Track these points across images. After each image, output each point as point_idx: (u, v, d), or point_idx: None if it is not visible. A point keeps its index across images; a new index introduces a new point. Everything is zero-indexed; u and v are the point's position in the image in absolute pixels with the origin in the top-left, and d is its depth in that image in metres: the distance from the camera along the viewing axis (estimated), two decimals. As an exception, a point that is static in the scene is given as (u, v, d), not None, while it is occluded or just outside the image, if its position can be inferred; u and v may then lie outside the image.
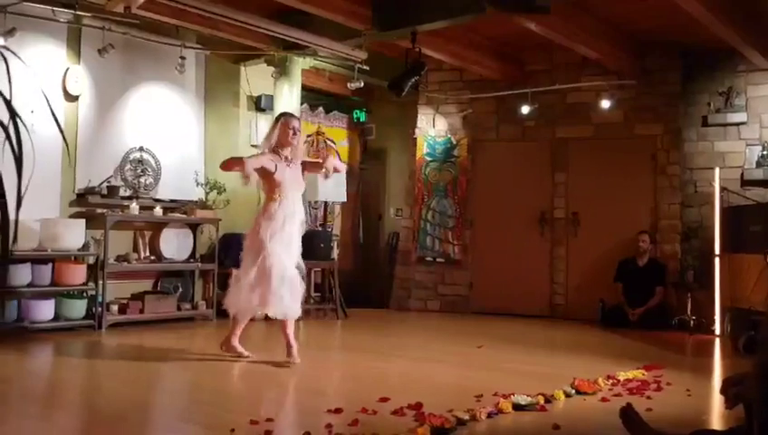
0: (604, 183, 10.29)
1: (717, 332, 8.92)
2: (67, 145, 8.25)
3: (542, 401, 4.86)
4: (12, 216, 1.83)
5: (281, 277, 6.09)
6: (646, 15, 8.84)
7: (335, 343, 8.24)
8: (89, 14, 8.10)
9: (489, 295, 10.77)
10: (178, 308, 8.90)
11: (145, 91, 9.13)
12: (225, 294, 6.64)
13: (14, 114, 1.83)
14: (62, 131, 2.61)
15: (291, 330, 6.30)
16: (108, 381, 5.74)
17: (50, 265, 7.75)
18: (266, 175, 6.19)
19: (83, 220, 8.11)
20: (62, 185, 8.25)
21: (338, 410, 4.44)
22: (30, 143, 1.95)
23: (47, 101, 2.49)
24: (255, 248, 6.15)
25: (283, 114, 6.60)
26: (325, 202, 10.47)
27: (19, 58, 2.21)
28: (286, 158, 6.29)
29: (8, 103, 1.86)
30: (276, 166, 6.19)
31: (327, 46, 9.27)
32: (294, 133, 6.32)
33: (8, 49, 2.26)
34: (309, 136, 11.16)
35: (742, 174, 9.55)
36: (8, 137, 1.83)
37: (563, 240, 10.63)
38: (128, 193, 8.72)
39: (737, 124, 9.72)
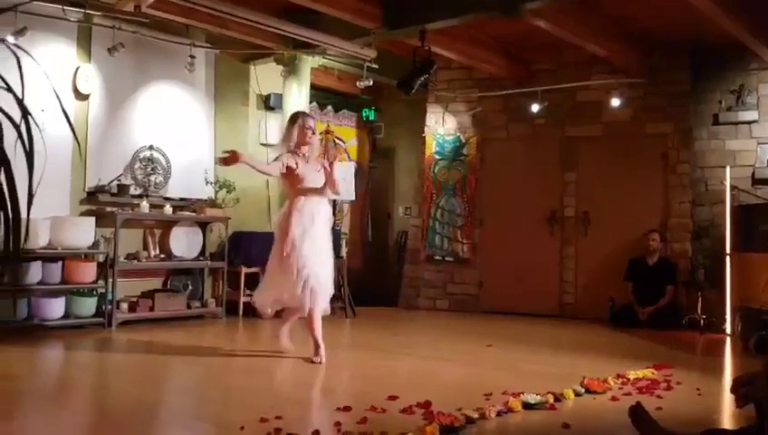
0: (614, 182, 10.26)
1: (728, 331, 8.90)
2: (78, 143, 8.26)
3: (551, 400, 4.86)
4: (23, 214, 1.84)
5: (306, 274, 6.12)
6: (655, 13, 8.81)
7: (344, 341, 8.24)
8: (99, 13, 8.13)
9: (498, 294, 10.76)
10: (188, 306, 8.93)
11: (155, 90, 9.16)
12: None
13: (25, 113, 1.84)
14: (73, 130, 2.61)
15: (317, 328, 6.28)
16: (118, 379, 5.75)
17: (60, 263, 7.77)
18: (290, 172, 6.25)
19: (93, 218, 8.13)
20: (72, 183, 8.28)
21: (347, 408, 4.45)
22: (41, 142, 1.95)
23: (58, 99, 2.49)
24: (283, 244, 6.17)
25: (299, 114, 6.64)
26: (334, 200, 10.44)
27: (31, 56, 2.22)
28: (304, 155, 6.35)
29: (20, 102, 1.87)
30: (297, 163, 6.24)
31: (336, 45, 9.28)
32: (313, 132, 6.42)
33: (20, 48, 2.27)
34: (318, 134, 11.16)
35: (753, 173, 9.51)
36: (20, 135, 1.83)
37: (573, 239, 10.61)
38: (138, 191, 8.75)
39: (749, 122, 9.67)
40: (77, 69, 8.38)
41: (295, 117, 6.56)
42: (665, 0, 8.28)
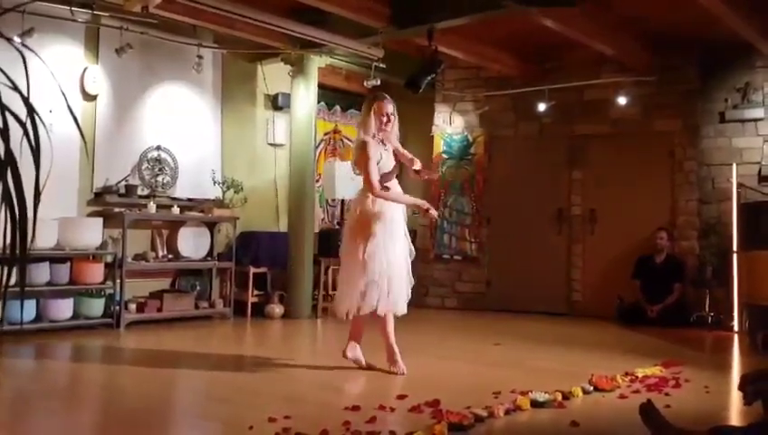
0: (621, 180, 10.26)
1: (736, 328, 8.88)
2: (86, 144, 8.29)
3: (559, 398, 4.86)
4: (30, 214, 1.84)
5: (379, 271, 5.71)
6: (662, 11, 8.79)
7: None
8: (106, 14, 8.14)
9: (506, 293, 10.76)
10: (196, 306, 8.93)
11: (162, 91, 9.17)
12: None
13: (31, 111, 1.85)
14: (80, 130, 2.63)
15: (390, 331, 5.91)
16: (126, 380, 5.76)
17: (68, 263, 7.79)
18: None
19: (101, 219, 8.15)
20: (79, 184, 8.30)
21: (355, 408, 4.46)
22: (48, 142, 1.96)
23: (66, 100, 2.49)
24: (359, 243, 5.74)
25: (376, 97, 5.99)
26: (342, 200, 10.46)
27: (38, 57, 2.23)
28: (382, 141, 5.87)
29: (26, 100, 1.88)
30: (381, 155, 5.81)
31: (344, 44, 9.28)
32: (389, 120, 5.84)
33: (27, 47, 2.28)
34: (326, 134, 11.19)
35: (759, 170, 9.48)
36: (26, 135, 1.84)
37: (580, 237, 10.60)
38: (145, 192, 8.76)
39: (755, 120, 9.65)
40: (85, 70, 8.41)
41: (372, 100, 5.93)
42: (673, -1, 8.29)
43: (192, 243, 9.14)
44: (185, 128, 9.36)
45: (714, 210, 9.83)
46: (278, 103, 10.31)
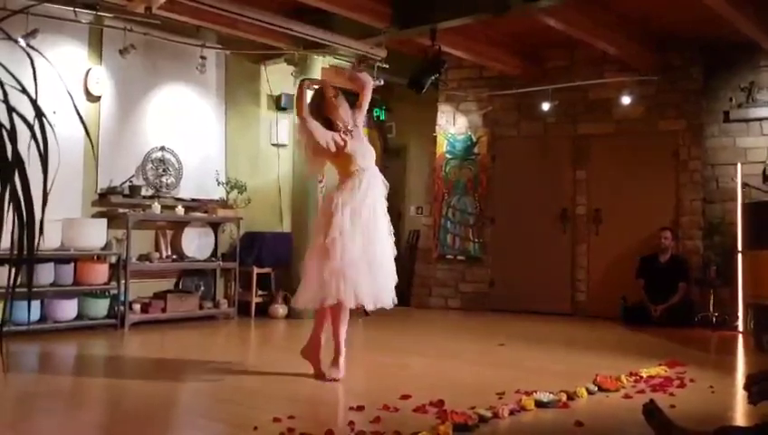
0: (626, 179, 10.24)
1: (740, 328, 8.87)
2: (92, 145, 8.29)
3: (564, 399, 4.85)
4: (37, 215, 1.84)
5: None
6: (666, 10, 8.79)
7: (357, 340, 8.22)
8: (110, 15, 8.14)
9: (510, 293, 10.75)
10: (200, 307, 8.94)
11: (166, 92, 9.18)
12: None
13: (39, 113, 1.85)
14: (86, 131, 2.63)
15: (341, 329, 5.83)
16: (130, 380, 5.77)
17: (72, 264, 7.79)
18: None
19: (105, 220, 8.16)
20: (83, 185, 8.30)
21: (360, 408, 4.45)
22: (55, 143, 1.96)
23: (72, 100, 2.49)
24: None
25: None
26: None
27: (45, 58, 2.23)
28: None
29: (34, 102, 1.88)
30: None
31: (347, 45, 9.29)
32: None
33: (34, 48, 2.29)
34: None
35: (764, 170, 9.47)
36: (34, 136, 1.84)
37: (585, 237, 10.59)
38: (149, 192, 8.77)
39: (759, 120, 9.63)
40: (88, 71, 8.41)
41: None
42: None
43: (196, 243, 9.15)
44: (188, 128, 9.37)
45: (718, 210, 9.81)
46: (281, 104, 10.30)
